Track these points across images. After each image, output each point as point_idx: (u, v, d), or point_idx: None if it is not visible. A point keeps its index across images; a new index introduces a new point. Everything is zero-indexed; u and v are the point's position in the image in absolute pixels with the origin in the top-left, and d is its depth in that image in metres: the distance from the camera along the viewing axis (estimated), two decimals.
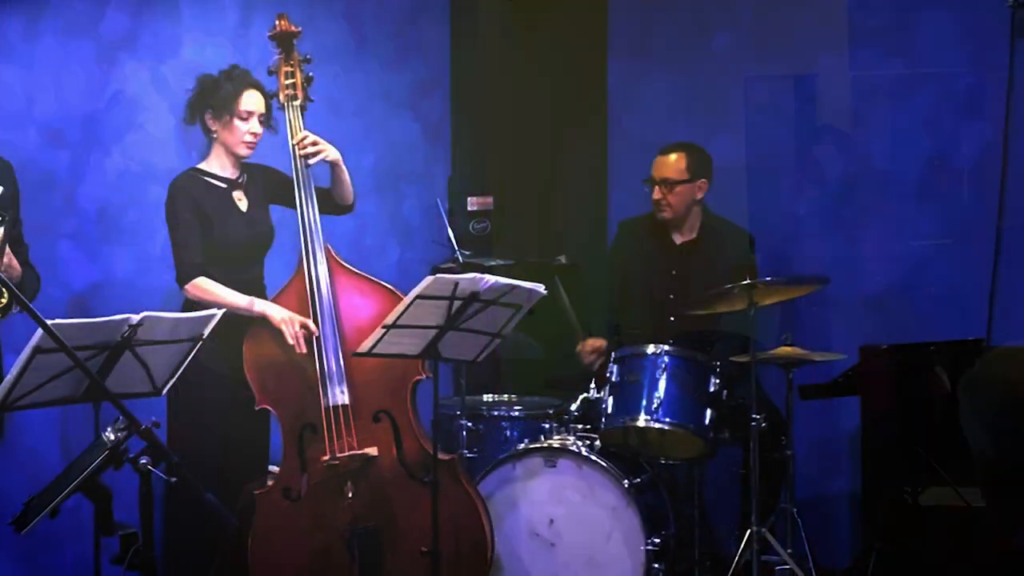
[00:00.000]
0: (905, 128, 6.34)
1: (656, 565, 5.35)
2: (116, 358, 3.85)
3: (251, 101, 5.10)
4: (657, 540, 5.37)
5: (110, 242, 5.83)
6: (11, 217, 4.61)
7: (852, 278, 6.39)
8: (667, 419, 5.46)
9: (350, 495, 4.93)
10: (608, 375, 5.60)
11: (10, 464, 5.29)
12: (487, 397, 6.25)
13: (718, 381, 5.54)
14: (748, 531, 5.29)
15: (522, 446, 5.55)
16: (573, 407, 5.68)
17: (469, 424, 5.79)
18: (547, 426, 5.70)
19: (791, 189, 6.64)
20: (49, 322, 3.60)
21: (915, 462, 5.60)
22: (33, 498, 3.74)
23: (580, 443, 5.51)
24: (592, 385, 5.67)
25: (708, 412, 5.51)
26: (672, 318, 5.99)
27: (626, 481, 5.39)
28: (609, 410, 5.54)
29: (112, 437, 3.54)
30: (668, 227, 6.11)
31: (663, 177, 6.01)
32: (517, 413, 5.93)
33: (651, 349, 5.57)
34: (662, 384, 5.49)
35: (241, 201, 5.18)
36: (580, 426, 5.64)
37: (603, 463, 5.41)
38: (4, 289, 4.05)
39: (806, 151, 6.60)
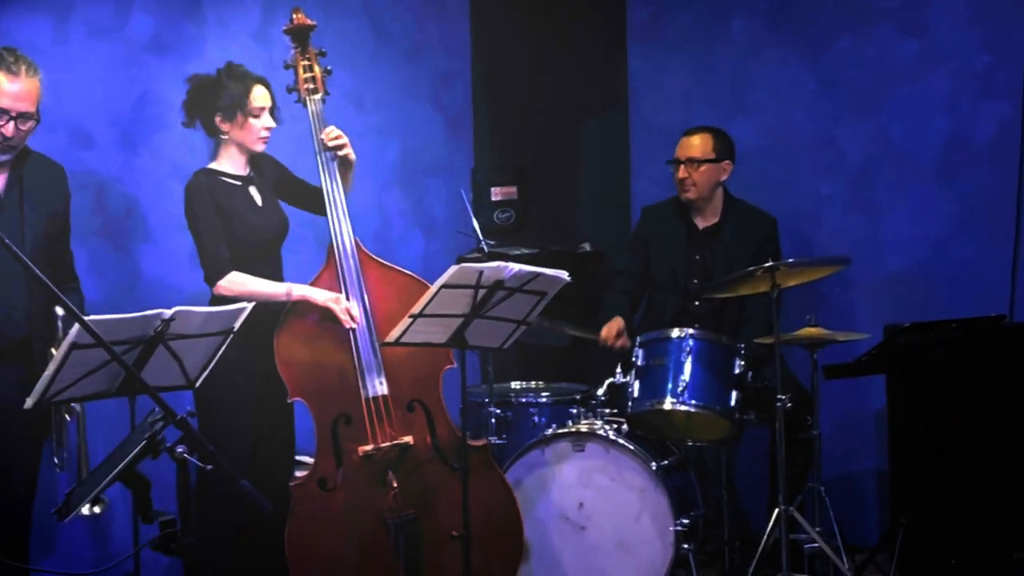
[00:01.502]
0: (923, 108, 6.36)
1: (685, 546, 5.40)
2: (150, 352, 3.90)
3: (260, 97, 5.10)
4: (686, 521, 5.42)
5: (138, 241, 5.90)
6: (60, 221, 4.68)
7: (874, 258, 6.42)
8: (693, 402, 5.51)
9: (395, 484, 4.97)
10: (634, 359, 5.65)
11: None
12: (515, 384, 6.31)
13: (743, 363, 5.58)
14: (776, 510, 5.32)
15: (550, 431, 5.60)
16: (600, 392, 5.73)
17: (497, 411, 5.85)
18: (575, 411, 5.77)
19: (811, 171, 6.66)
20: (85, 318, 3.67)
21: (941, 438, 5.64)
22: (74, 488, 3.82)
23: (608, 427, 5.56)
24: (618, 370, 5.73)
25: (734, 394, 5.55)
26: (696, 302, 6.03)
27: (654, 463, 5.44)
28: (635, 394, 5.59)
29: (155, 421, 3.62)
30: (691, 211, 6.15)
31: (689, 156, 6.05)
32: (545, 399, 5.98)
33: (676, 333, 5.62)
34: (687, 367, 5.54)
35: (256, 196, 5.20)
36: (607, 410, 5.69)
37: (631, 446, 5.46)
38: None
39: (825, 133, 6.62)
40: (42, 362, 4.48)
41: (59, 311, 4.62)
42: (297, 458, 5.34)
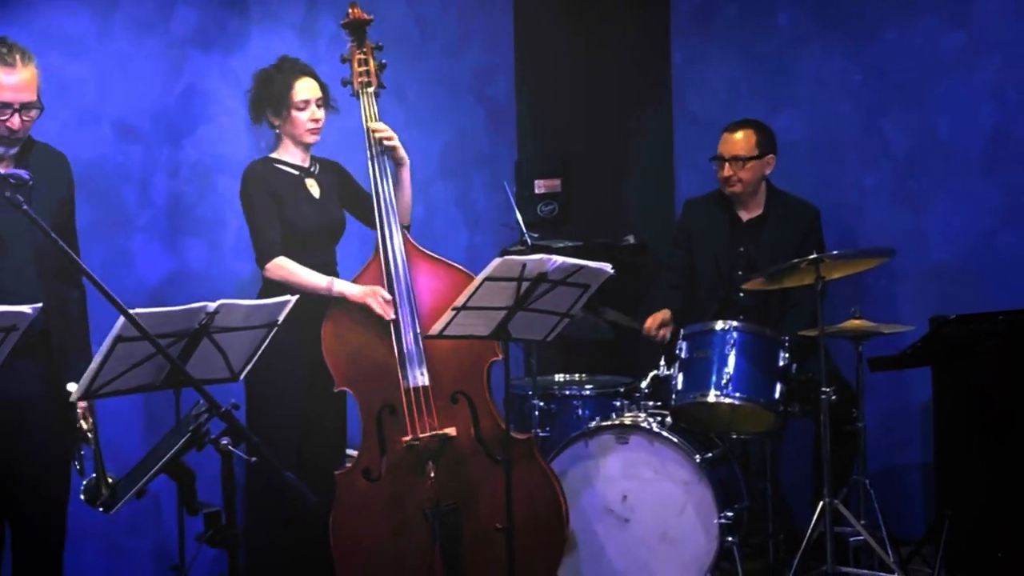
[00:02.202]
0: (969, 99, 6.31)
1: (730, 538, 5.38)
2: (194, 345, 3.92)
3: (304, 89, 5.16)
4: (730, 514, 5.40)
5: (184, 233, 5.93)
6: (67, 209, 4.67)
7: (919, 250, 6.38)
8: (737, 394, 5.49)
9: (432, 475, 5.00)
10: (678, 352, 5.64)
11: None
12: (558, 376, 6.32)
13: (787, 355, 5.56)
14: (821, 503, 5.30)
15: (594, 424, 5.60)
16: (643, 384, 5.72)
17: (541, 403, 5.86)
18: (618, 404, 5.78)
19: (856, 163, 6.63)
20: (130, 311, 3.69)
21: (988, 431, 5.61)
22: (120, 480, 3.84)
23: (651, 420, 5.55)
24: (662, 362, 5.72)
25: (778, 386, 5.53)
26: (740, 294, 6.01)
27: (698, 456, 5.42)
28: (679, 386, 5.57)
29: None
30: (734, 204, 6.13)
31: (734, 155, 6.02)
32: (588, 391, 5.99)
33: (720, 325, 5.59)
34: (731, 360, 5.52)
35: (313, 188, 5.25)
36: (651, 403, 5.68)
37: (674, 439, 5.45)
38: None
39: (871, 125, 6.59)
40: (60, 355, 4.49)
41: (69, 297, 4.65)
42: (348, 451, 5.37)
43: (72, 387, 4.17)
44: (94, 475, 4.21)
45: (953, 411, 5.77)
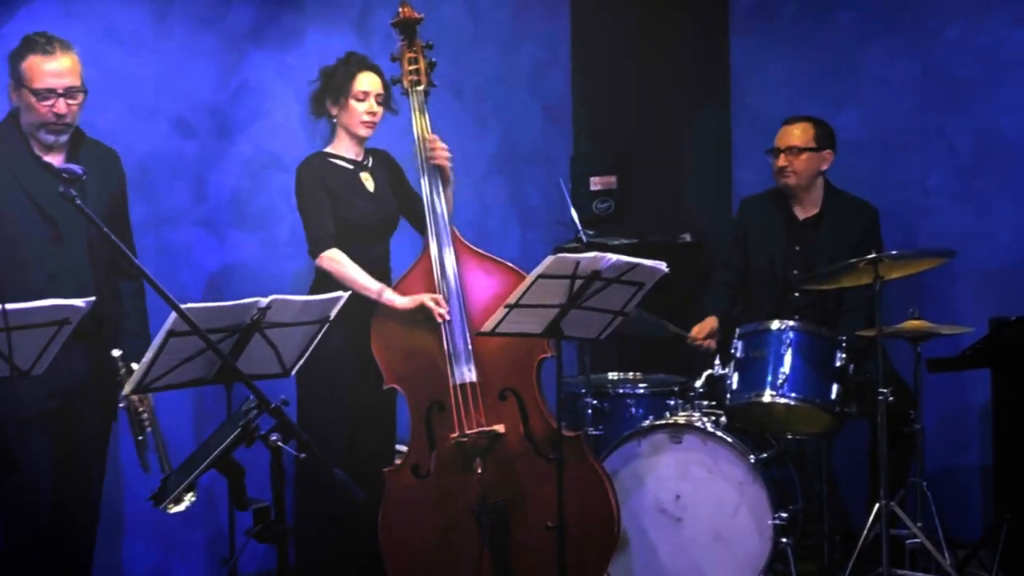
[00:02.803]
0: None
1: (784, 539, 5.34)
2: (246, 340, 3.93)
3: (366, 82, 5.19)
4: (785, 515, 5.36)
5: (239, 228, 5.95)
6: (119, 202, 4.70)
7: (980, 250, 6.31)
8: (793, 394, 5.44)
9: (479, 471, 4.99)
10: (733, 351, 5.60)
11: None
12: (612, 375, 6.29)
13: (844, 356, 5.51)
14: (877, 505, 5.26)
15: (647, 423, 5.57)
16: (698, 383, 5.69)
17: (594, 402, 5.83)
18: (672, 403, 5.74)
19: (918, 162, 6.56)
20: (182, 306, 3.70)
21: None
22: (170, 475, 3.85)
23: (705, 419, 5.51)
24: (717, 361, 5.68)
25: (834, 387, 5.48)
26: (796, 293, 5.96)
27: (752, 456, 5.38)
28: (734, 386, 5.53)
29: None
30: (790, 202, 6.08)
31: (789, 145, 5.97)
32: (642, 390, 5.95)
33: (776, 325, 5.55)
34: (787, 359, 5.47)
35: (368, 182, 5.26)
36: (705, 402, 5.65)
37: (729, 439, 5.41)
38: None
39: (933, 123, 6.52)
40: (112, 345, 4.55)
41: (123, 288, 4.71)
42: (397, 447, 5.37)
43: (117, 353, 4.41)
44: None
45: (1012, 413, 5.71)
